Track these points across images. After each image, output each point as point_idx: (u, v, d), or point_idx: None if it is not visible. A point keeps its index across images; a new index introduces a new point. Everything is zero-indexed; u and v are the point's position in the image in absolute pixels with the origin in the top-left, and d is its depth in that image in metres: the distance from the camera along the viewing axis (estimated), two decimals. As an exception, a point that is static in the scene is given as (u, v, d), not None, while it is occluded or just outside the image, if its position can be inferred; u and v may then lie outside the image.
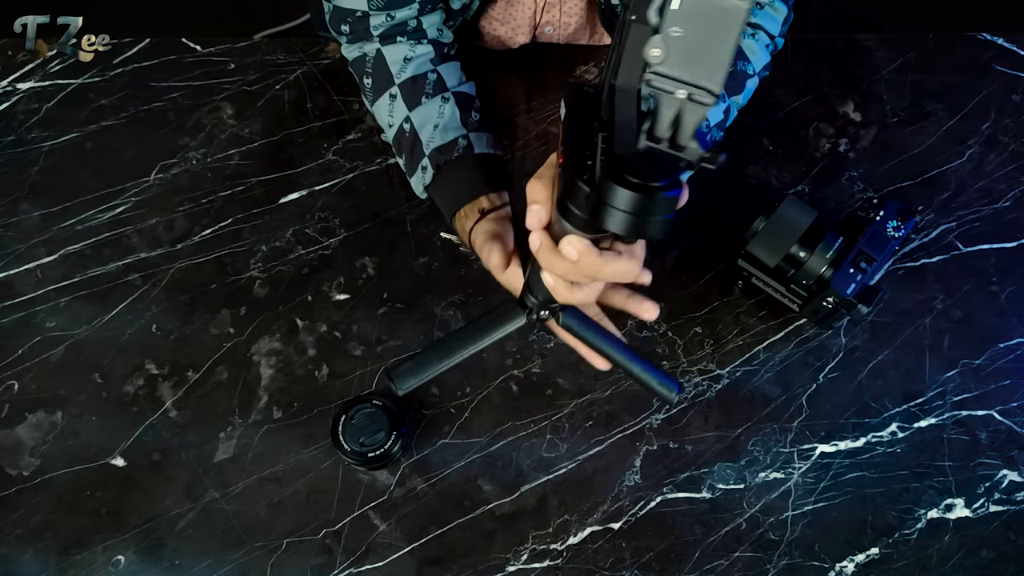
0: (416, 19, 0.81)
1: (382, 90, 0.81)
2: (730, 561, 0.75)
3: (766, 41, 0.81)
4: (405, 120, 0.79)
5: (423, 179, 0.78)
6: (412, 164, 0.80)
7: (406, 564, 0.74)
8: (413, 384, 0.63)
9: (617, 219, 0.46)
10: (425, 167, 0.78)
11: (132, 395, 0.80)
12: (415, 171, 0.79)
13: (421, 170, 0.78)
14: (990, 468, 0.79)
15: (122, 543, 0.74)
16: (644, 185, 0.45)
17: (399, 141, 0.81)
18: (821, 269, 0.75)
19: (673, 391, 0.64)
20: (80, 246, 0.86)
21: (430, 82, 0.81)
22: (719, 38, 0.41)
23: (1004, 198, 0.91)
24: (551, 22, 0.93)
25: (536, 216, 0.55)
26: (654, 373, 0.65)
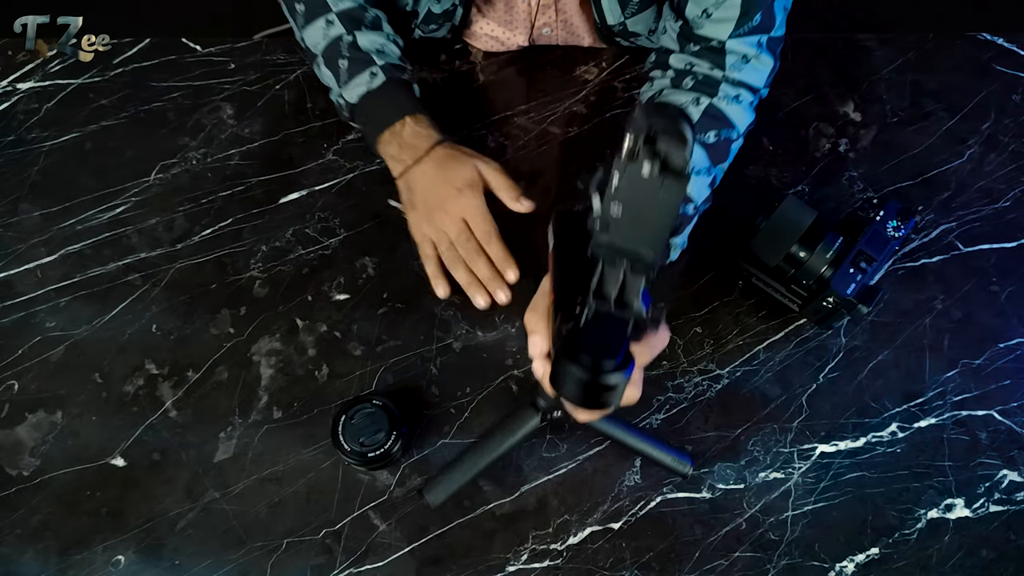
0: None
1: (315, 15, 0.80)
2: (730, 561, 0.75)
3: (750, 99, 0.80)
4: (347, 32, 0.80)
5: (370, 83, 0.79)
6: (354, 68, 0.79)
7: (406, 564, 0.74)
8: (443, 497, 0.72)
9: (571, 391, 0.50)
10: (375, 73, 0.79)
11: (132, 395, 0.80)
12: (359, 74, 0.79)
13: (370, 75, 0.79)
14: (990, 468, 0.79)
15: (122, 543, 0.74)
16: (595, 365, 0.49)
17: (334, 49, 0.80)
18: (821, 269, 0.75)
19: (687, 465, 0.74)
20: (80, 246, 0.86)
21: (369, 18, 0.81)
22: (655, 215, 0.46)
23: (1004, 198, 0.91)
24: (548, 23, 0.93)
25: (536, 347, 0.59)
26: (666, 450, 0.74)
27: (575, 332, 0.50)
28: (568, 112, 0.94)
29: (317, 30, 0.81)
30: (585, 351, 0.49)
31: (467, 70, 0.97)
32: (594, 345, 0.49)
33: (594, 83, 0.96)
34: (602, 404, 0.51)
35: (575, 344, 0.50)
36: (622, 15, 0.87)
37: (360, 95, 0.80)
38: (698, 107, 0.77)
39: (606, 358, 0.49)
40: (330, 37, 0.80)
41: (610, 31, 0.90)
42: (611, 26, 0.89)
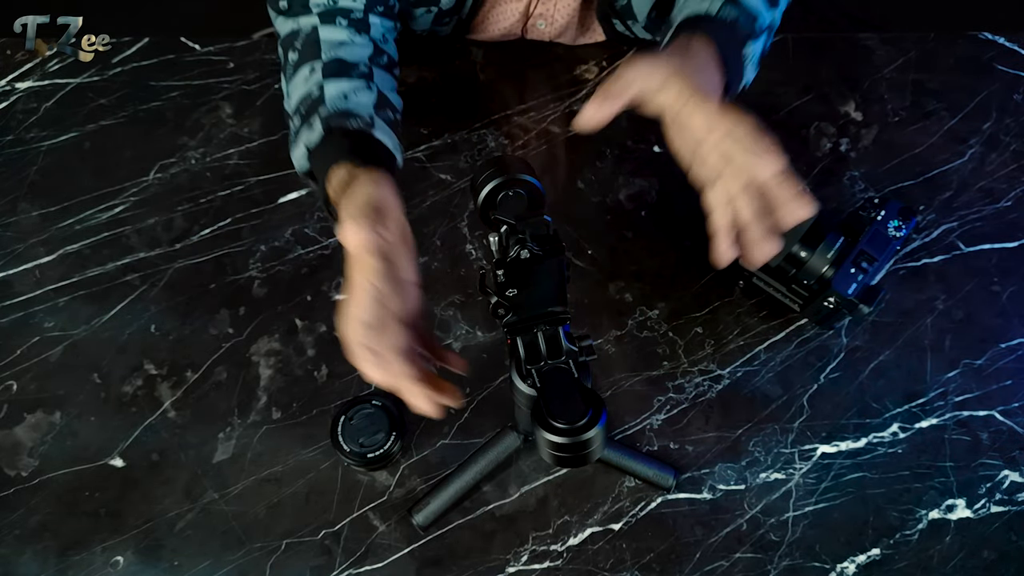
0: (363, 12, 0.75)
1: (303, 63, 0.72)
2: (731, 562, 0.74)
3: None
4: (317, 86, 0.70)
5: (308, 139, 0.68)
6: (303, 124, 0.69)
7: (406, 565, 0.74)
8: (432, 518, 0.74)
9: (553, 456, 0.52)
10: (313, 125, 0.68)
11: (131, 395, 0.79)
12: (301, 130, 0.69)
13: (307, 128, 0.68)
14: (991, 469, 0.78)
15: (121, 544, 0.74)
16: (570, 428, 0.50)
17: (298, 105, 0.71)
18: (822, 269, 0.75)
19: (669, 479, 0.75)
20: (79, 246, 0.86)
21: (358, 71, 0.72)
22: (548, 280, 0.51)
23: (1006, 198, 0.91)
24: (543, 15, 0.93)
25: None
26: (649, 465, 0.75)
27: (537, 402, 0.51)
28: (568, 112, 0.94)
29: (297, 81, 0.72)
30: (554, 416, 0.50)
31: (467, 69, 0.96)
32: (558, 406, 0.50)
33: (594, 82, 0.96)
34: (584, 460, 0.52)
35: (542, 413, 0.51)
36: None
37: (303, 162, 0.70)
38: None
39: (577, 416, 0.50)
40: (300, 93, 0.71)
41: (612, 7, 0.89)
42: (615, 0, 0.88)
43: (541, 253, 0.52)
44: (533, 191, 0.56)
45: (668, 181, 0.90)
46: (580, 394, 0.51)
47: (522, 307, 0.53)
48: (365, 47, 0.74)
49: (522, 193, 0.55)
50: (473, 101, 0.95)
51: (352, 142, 0.66)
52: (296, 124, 0.71)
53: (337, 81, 0.70)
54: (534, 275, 0.53)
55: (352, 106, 0.69)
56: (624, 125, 0.93)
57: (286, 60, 0.75)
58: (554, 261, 0.53)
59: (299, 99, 0.71)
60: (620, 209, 0.89)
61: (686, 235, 0.88)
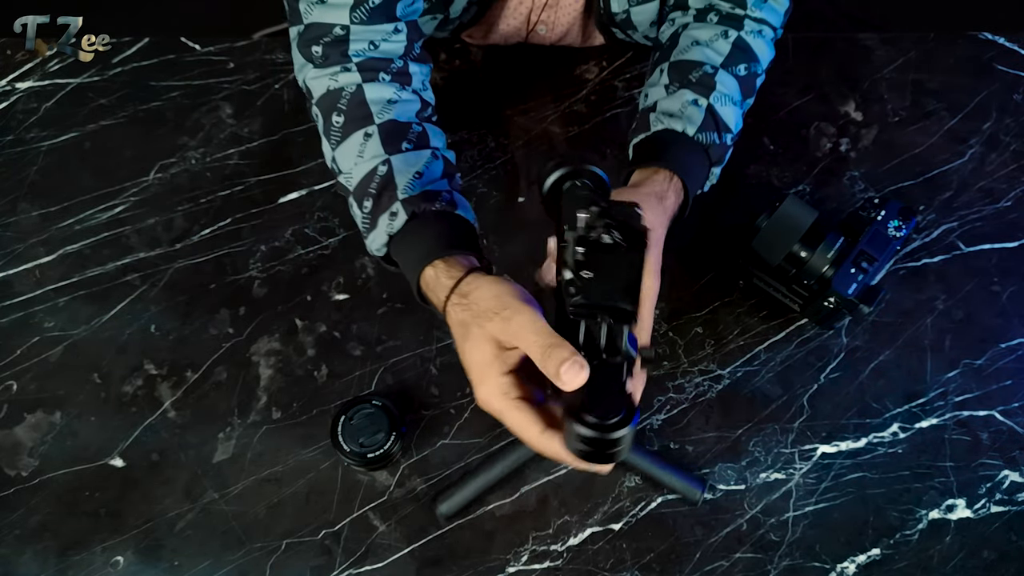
0: (403, 60, 0.72)
1: (355, 128, 0.68)
2: (731, 562, 0.74)
3: (771, 35, 0.81)
4: (383, 162, 0.67)
5: (390, 226, 0.66)
6: (378, 210, 0.67)
7: (406, 565, 0.74)
8: (457, 508, 0.73)
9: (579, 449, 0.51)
10: (396, 212, 0.66)
11: (131, 395, 0.79)
12: (380, 216, 0.66)
13: (389, 216, 0.66)
14: (991, 468, 0.78)
15: (121, 544, 0.74)
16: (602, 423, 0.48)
17: (365, 184, 0.67)
18: (823, 269, 0.75)
19: (698, 493, 0.74)
20: (79, 246, 0.86)
21: (414, 132, 0.69)
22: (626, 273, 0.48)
23: (1005, 198, 0.91)
24: (545, 22, 0.93)
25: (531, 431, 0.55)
26: (679, 476, 0.74)
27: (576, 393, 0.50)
28: (568, 112, 0.94)
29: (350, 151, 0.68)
30: (589, 409, 0.48)
31: (467, 70, 0.96)
32: (597, 401, 0.49)
33: (594, 83, 0.96)
34: (610, 458, 0.50)
35: (578, 402, 0.49)
36: (627, 2, 0.86)
37: (382, 248, 0.68)
38: (727, 40, 0.76)
39: (611, 414, 0.48)
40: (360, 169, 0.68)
41: (612, 18, 0.89)
42: (615, 14, 0.88)
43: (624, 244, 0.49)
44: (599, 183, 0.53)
45: (668, 181, 0.90)
46: (621, 395, 0.49)
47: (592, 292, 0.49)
48: (412, 102, 0.71)
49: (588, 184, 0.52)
50: (473, 101, 0.95)
51: (443, 230, 0.64)
52: (368, 208, 0.67)
53: (404, 156, 0.67)
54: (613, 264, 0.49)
55: (429, 184, 0.66)
56: (624, 125, 0.93)
57: (328, 123, 0.70)
58: (636, 255, 0.49)
59: (362, 176, 0.67)
60: (620, 209, 0.89)
61: (686, 235, 0.88)
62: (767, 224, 0.75)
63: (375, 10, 0.68)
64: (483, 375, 0.56)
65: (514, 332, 0.54)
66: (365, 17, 0.68)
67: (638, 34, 0.92)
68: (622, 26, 0.90)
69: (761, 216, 0.76)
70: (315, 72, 0.70)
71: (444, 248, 0.62)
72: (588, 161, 0.52)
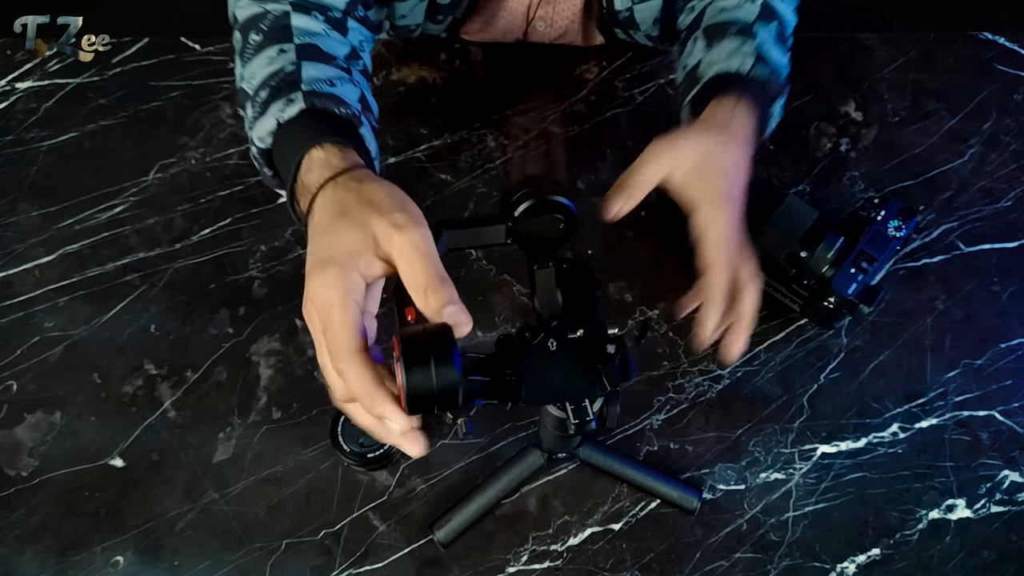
0: (342, 13, 0.67)
1: (270, 44, 0.62)
2: (731, 562, 0.74)
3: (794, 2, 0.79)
4: (291, 63, 0.59)
5: (281, 113, 0.57)
6: (272, 99, 0.58)
7: (406, 565, 0.74)
8: (454, 536, 0.73)
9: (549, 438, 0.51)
10: (293, 100, 0.57)
11: (131, 395, 0.79)
12: (274, 103, 0.58)
13: (285, 103, 0.57)
14: (991, 468, 0.78)
15: (121, 544, 0.74)
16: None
17: (266, 81, 0.60)
18: (822, 269, 0.75)
19: (694, 500, 0.75)
20: (79, 246, 0.86)
21: (337, 64, 0.62)
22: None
23: (1005, 198, 0.91)
24: (543, 18, 0.93)
25: None
26: (673, 486, 0.75)
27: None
28: (568, 111, 0.94)
29: (261, 61, 0.62)
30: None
31: (467, 70, 0.96)
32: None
33: (594, 82, 0.96)
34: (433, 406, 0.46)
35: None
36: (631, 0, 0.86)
37: (267, 138, 0.59)
38: (755, 3, 0.75)
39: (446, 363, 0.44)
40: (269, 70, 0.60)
41: (614, 17, 0.89)
42: (617, 11, 0.87)
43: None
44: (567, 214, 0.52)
45: (668, 181, 0.90)
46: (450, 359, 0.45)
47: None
48: (342, 45, 0.66)
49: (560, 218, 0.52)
50: (473, 101, 0.95)
51: (341, 129, 0.56)
52: (263, 97, 0.59)
53: (316, 64, 0.60)
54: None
55: (338, 92, 0.59)
56: (624, 125, 0.93)
57: (245, 42, 0.64)
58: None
59: (267, 75, 0.60)
60: (620, 209, 0.89)
61: (686, 235, 0.88)
62: (767, 224, 0.75)
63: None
64: (336, 260, 0.46)
65: (403, 244, 0.46)
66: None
67: (640, 33, 0.91)
68: (624, 25, 0.90)
69: (761, 216, 0.76)
70: (245, 2, 0.65)
71: (342, 136, 0.54)
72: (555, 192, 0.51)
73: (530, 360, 0.50)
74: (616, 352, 0.49)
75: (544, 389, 0.51)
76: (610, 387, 0.50)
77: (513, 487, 0.75)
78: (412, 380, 0.44)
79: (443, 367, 0.44)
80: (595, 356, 0.50)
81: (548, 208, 0.51)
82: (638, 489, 0.76)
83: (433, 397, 0.44)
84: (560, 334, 0.50)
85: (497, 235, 0.51)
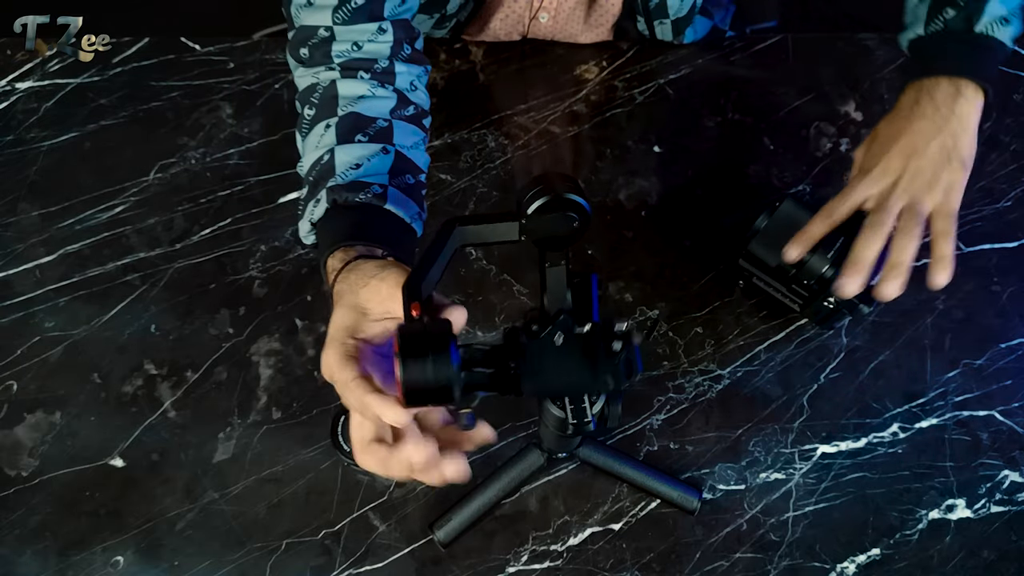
0: (389, 60, 0.70)
1: (320, 120, 0.68)
2: (731, 562, 0.74)
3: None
4: (328, 151, 0.66)
5: (312, 213, 0.64)
6: (309, 198, 0.65)
7: (406, 565, 0.74)
8: (454, 535, 0.73)
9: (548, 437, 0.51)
10: (320, 199, 0.64)
11: (131, 395, 0.79)
12: (309, 204, 0.65)
13: (314, 203, 0.64)
14: (991, 468, 0.78)
15: (121, 544, 0.74)
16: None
17: (309, 172, 0.67)
18: (822, 269, 0.75)
19: (694, 500, 0.75)
20: (79, 246, 0.86)
21: (376, 128, 0.67)
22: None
23: (1005, 198, 0.91)
24: (547, 7, 0.93)
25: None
26: (673, 485, 0.75)
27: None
28: (568, 111, 0.94)
29: (311, 141, 0.67)
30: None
31: (467, 70, 0.96)
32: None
33: (594, 82, 0.96)
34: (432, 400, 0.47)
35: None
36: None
37: (309, 236, 0.66)
38: None
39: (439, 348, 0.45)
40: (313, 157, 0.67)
41: (645, 5, 0.87)
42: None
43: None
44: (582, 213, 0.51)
45: (668, 181, 0.90)
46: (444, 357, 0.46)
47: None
48: (387, 99, 0.70)
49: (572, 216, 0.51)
50: (473, 101, 0.95)
51: (359, 219, 0.62)
52: (305, 191, 0.67)
53: (350, 147, 0.66)
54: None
55: (364, 175, 0.64)
56: (624, 125, 0.93)
57: (301, 115, 0.70)
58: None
59: (310, 165, 0.67)
60: (620, 209, 0.89)
61: (686, 235, 0.88)
62: (767, 224, 0.75)
63: (357, 11, 0.68)
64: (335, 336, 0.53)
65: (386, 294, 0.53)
66: (347, 17, 0.68)
67: (666, 24, 0.90)
68: (655, 14, 0.88)
69: (761, 216, 0.76)
70: (302, 71, 0.71)
71: (347, 238, 0.59)
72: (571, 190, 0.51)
73: (534, 353, 0.50)
74: (622, 349, 0.49)
75: (546, 383, 0.51)
76: (613, 385, 0.50)
77: (513, 487, 0.75)
78: (407, 374, 0.45)
79: (439, 362, 0.45)
80: (600, 352, 0.50)
81: (562, 206, 0.51)
82: (638, 489, 0.76)
83: (429, 391, 0.45)
84: (567, 328, 0.50)
85: (510, 232, 0.52)
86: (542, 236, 0.52)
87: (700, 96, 0.96)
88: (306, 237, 0.67)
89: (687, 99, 0.96)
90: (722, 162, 0.92)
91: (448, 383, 0.45)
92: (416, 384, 0.45)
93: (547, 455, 0.74)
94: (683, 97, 0.96)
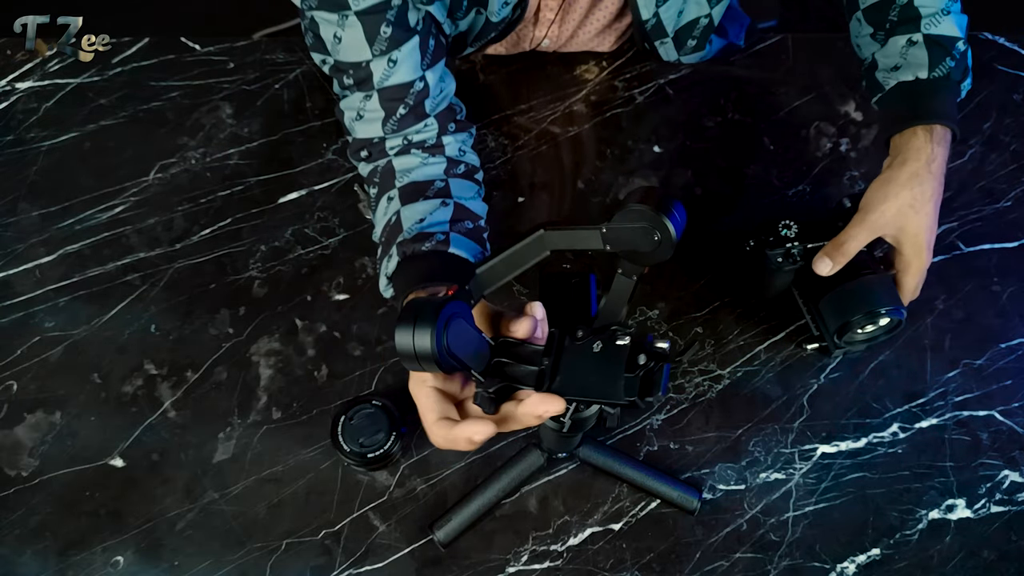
0: (436, 137, 0.76)
1: (383, 194, 0.75)
2: (731, 562, 0.74)
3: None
4: (395, 214, 0.72)
5: (387, 268, 0.70)
6: (382, 256, 0.72)
7: (406, 565, 0.74)
8: (454, 536, 0.73)
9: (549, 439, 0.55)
10: (391, 255, 0.70)
11: (131, 395, 0.79)
12: (383, 261, 0.71)
13: (387, 260, 0.70)
14: (991, 468, 0.78)
15: (121, 544, 0.74)
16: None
17: (381, 235, 0.73)
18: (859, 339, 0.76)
19: (694, 500, 0.74)
20: (79, 246, 0.86)
21: (434, 188, 0.74)
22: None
23: (1005, 198, 0.91)
24: (551, 36, 0.93)
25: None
26: (673, 485, 0.75)
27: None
28: (568, 112, 0.94)
29: (380, 211, 0.74)
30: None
31: (467, 70, 0.96)
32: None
33: (594, 83, 0.96)
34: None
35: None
36: (655, 6, 0.85)
37: (387, 290, 0.71)
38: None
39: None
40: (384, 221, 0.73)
41: (642, 30, 0.88)
42: (644, 21, 0.87)
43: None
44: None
45: (668, 181, 0.90)
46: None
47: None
48: (439, 164, 0.75)
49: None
50: (473, 101, 0.94)
51: (427, 265, 0.66)
52: (380, 252, 0.73)
53: (413, 205, 0.72)
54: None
55: (427, 227, 0.70)
56: (624, 125, 0.93)
57: (368, 194, 0.79)
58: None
59: (382, 227, 0.73)
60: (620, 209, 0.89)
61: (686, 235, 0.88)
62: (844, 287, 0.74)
63: (403, 119, 0.73)
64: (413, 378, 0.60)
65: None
66: (395, 127, 0.74)
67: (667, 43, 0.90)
68: (650, 36, 0.89)
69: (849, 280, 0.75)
70: (363, 166, 0.78)
71: (419, 281, 0.64)
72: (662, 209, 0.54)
73: (572, 354, 0.53)
74: (646, 364, 0.50)
75: (570, 383, 0.53)
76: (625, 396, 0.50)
77: (513, 487, 0.75)
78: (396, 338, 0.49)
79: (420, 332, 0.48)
80: (628, 363, 0.51)
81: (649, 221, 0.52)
82: (638, 489, 0.76)
83: (412, 357, 0.49)
84: (609, 338, 0.52)
85: (594, 239, 0.53)
86: (624, 248, 0.53)
87: (700, 96, 0.96)
88: (384, 291, 0.71)
89: (687, 99, 0.96)
90: (722, 162, 0.92)
91: (429, 354, 0.48)
92: (401, 350, 0.49)
93: (547, 455, 0.74)
94: (683, 97, 0.96)
